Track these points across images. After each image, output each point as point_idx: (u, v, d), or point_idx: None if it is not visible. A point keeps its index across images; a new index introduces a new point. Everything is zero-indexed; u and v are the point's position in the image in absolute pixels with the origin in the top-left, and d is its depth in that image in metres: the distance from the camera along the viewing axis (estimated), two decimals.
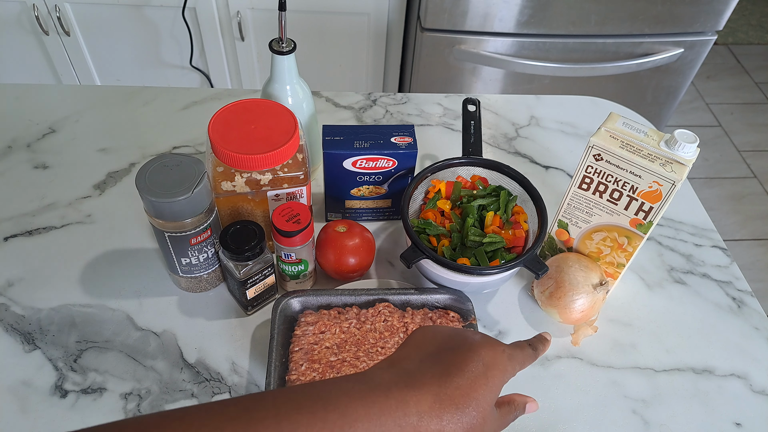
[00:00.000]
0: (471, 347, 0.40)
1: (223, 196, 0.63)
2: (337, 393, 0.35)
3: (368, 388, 0.36)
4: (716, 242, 0.79)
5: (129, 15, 1.49)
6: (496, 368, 0.39)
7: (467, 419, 0.37)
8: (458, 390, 0.37)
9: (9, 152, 0.82)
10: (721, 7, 1.46)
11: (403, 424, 0.35)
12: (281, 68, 0.71)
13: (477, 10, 1.40)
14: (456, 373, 0.38)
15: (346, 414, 0.34)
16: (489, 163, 0.71)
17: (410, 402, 0.36)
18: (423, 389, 0.37)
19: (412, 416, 0.35)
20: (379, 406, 0.35)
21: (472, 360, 0.39)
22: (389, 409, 0.35)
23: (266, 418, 0.32)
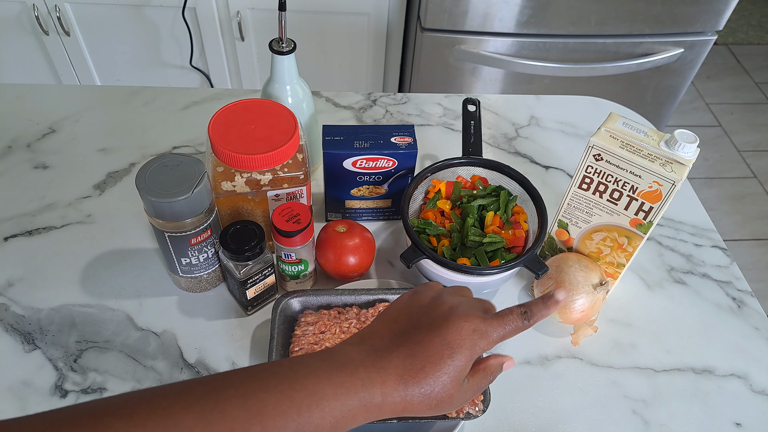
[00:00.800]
0: (439, 327, 0.40)
1: (223, 196, 0.63)
2: (304, 372, 0.36)
3: (335, 366, 0.37)
4: (716, 242, 0.79)
5: (129, 15, 1.49)
6: (462, 347, 0.39)
7: (434, 394, 0.38)
8: (422, 371, 0.38)
9: (9, 152, 0.82)
10: (721, 7, 1.46)
11: (367, 404, 0.36)
12: (281, 68, 0.71)
13: (477, 10, 1.40)
14: (420, 353, 0.38)
15: (313, 393, 0.34)
16: (489, 163, 0.71)
17: (375, 382, 0.37)
18: (388, 369, 0.37)
19: (377, 396, 0.37)
20: (346, 386, 0.36)
21: (437, 340, 0.39)
22: (355, 389, 0.36)
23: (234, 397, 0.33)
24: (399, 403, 0.37)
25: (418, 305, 0.42)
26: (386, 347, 0.39)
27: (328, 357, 0.38)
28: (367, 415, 0.37)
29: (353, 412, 0.36)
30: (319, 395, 0.34)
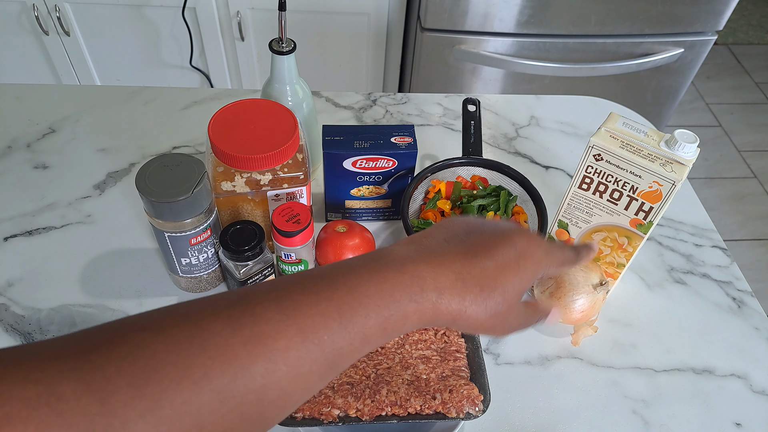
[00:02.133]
0: (504, 233, 0.36)
1: (223, 196, 0.63)
2: (344, 271, 0.32)
3: (380, 264, 0.32)
4: (716, 242, 0.79)
5: (129, 15, 1.49)
6: (530, 258, 0.36)
7: (492, 304, 0.34)
8: (485, 272, 0.34)
9: (9, 152, 0.82)
10: (721, 7, 1.46)
11: (420, 300, 0.32)
12: (281, 68, 0.71)
13: (477, 10, 1.40)
14: (484, 254, 0.34)
15: (354, 291, 0.31)
16: (489, 163, 0.71)
17: (427, 278, 0.32)
18: (443, 266, 0.33)
19: (430, 292, 0.32)
20: (391, 282, 0.32)
21: (504, 245, 0.35)
22: (404, 285, 0.32)
23: (266, 300, 0.29)
24: (455, 306, 0.33)
25: (474, 219, 0.38)
26: (441, 246, 0.35)
27: (373, 256, 0.33)
28: (420, 315, 0.32)
29: (403, 309, 0.31)
30: (361, 292, 0.31)
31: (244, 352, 0.27)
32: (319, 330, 0.29)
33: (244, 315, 0.28)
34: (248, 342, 0.27)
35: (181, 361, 0.26)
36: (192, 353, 0.26)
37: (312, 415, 0.52)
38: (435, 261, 0.33)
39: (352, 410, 0.53)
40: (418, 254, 0.34)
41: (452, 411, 0.53)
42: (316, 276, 0.32)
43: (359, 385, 0.55)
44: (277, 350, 0.28)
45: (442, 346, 0.59)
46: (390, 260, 0.33)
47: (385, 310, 0.31)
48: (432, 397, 0.54)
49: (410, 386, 0.55)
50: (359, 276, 0.32)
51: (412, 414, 0.53)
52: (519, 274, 0.35)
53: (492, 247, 0.35)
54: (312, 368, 0.29)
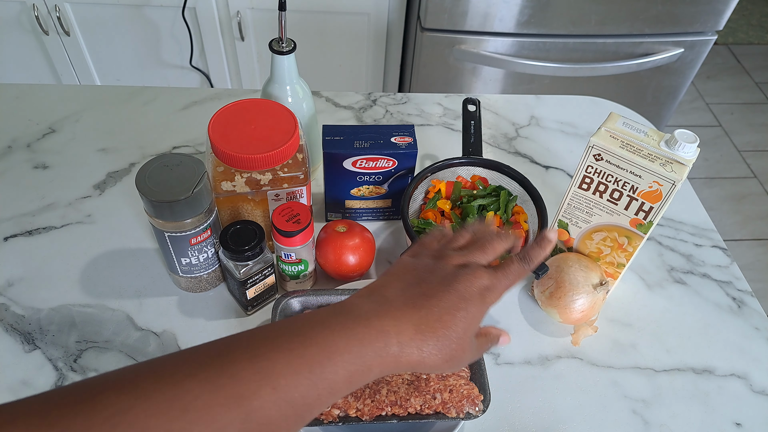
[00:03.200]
0: (450, 282, 0.39)
1: (223, 196, 0.63)
2: (314, 327, 0.34)
3: (348, 319, 0.35)
4: (716, 242, 0.79)
5: (129, 15, 1.49)
6: (474, 298, 0.39)
7: (447, 349, 0.37)
8: (439, 322, 0.37)
9: (9, 152, 0.82)
10: (721, 7, 1.46)
11: (384, 355, 0.35)
12: (281, 68, 0.71)
13: (477, 10, 1.40)
14: (435, 305, 0.38)
15: (325, 347, 0.33)
16: (489, 163, 0.71)
17: (391, 332, 0.35)
18: (403, 319, 0.36)
19: (393, 346, 0.35)
20: (359, 338, 0.34)
21: (451, 293, 0.39)
22: (369, 340, 0.34)
23: (241, 360, 0.31)
24: (415, 356, 0.36)
25: (424, 264, 0.42)
26: (398, 298, 0.38)
27: (339, 310, 0.36)
28: (383, 366, 0.35)
29: (368, 363, 0.34)
30: (331, 349, 0.33)
31: (222, 414, 0.28)
32: (291, 388, 0.31)
33: (221, 376, 0.29)
34: (226, 404, 0.29)
35: (162, 425, 0.27)
36: (173, 416, 0.27)
37: None
38: (397, 314, 0.36)
39: (352, 410, 0.53)
40: (381, 308, 0.37)
41: (452, 411, 0.53)
42: (288, 331, 0.33)
43: None
44: (253, 410, 0.29)
45: None
46: (356, 315, 0.35)
47: (352, 365, 0.33)
48: (432, 397, 0.54)
49: (410, 386, 0.55)
50: (330, 330, 0.34)
51: (412, 414, 0.53)
52: (467, 317, 0.38)
53: (441, 295, 0.38)
54: (281, 423, 0.31)
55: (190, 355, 0.31)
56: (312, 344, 0.33)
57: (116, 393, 0.27)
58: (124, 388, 0.28)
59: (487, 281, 0.40)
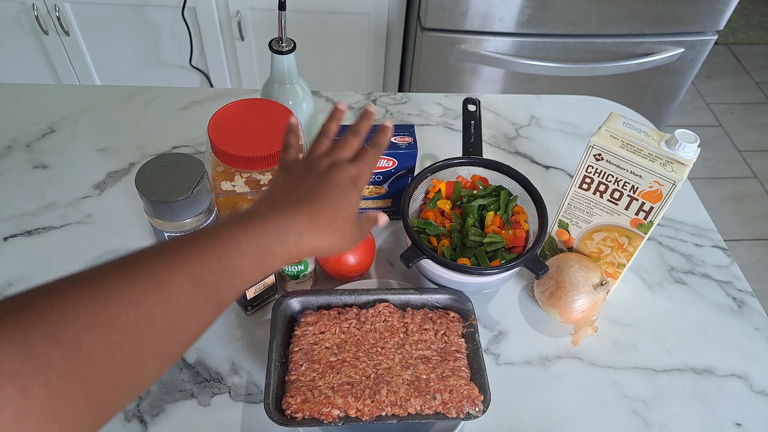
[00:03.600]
0: (326, 178, 0.47)
1: (223, 196, 0.63)
2: (217, 228, 0.39)
3: (246, 218, 0.41)
4: (716, 242, 0.79)
5: (129, 15, 1.49)
6: (349, 186, 0.47)
7: (338, 230, 0.45)
8: (325, 209, 0.45)
9: (9, 152, 0.82)
10: (721, 7, 1.46)
11: (284, 242, 0.41)
12: (281, 68, 0.71)
13: (477, 10, 1.40)
14: (320, 196, 0.45)
15: (229, 241, 0.38)
16: (489, 163, 0.71)
17: (286, 224, 0.42)
18: (295, 213, 0.43)
19: (291, 234, 0.42)
20: (257, 230, 0.40)
21: (329, 186, 0.46)
22: (268, 231, 0.40)
23: (153, 256, 0.35)
24: (312, 241, 0.43)
25: (298, 172, 0.49)
26: (286, 198, 0.45)
27: (237, 216, 0.41)
28: (286, 253, 0.41)
29: (271, 250, 0.40)
30: (234, 240, 0.38)
31: (144, 300, 0.32)
32: (204, 275, 0.36)
33: (135, 270, 0.33)
34: (144, 291, 0.32)
35: (89, 313, 0.30)
36: (97, 306, 0.30)
37: (312, 416, 0.52)
38: (288, 210, 0.43)
39: (352, 410, 0.53)
40: (275, 208, 0.43)
41: (452, 411, 0.53)
42: (192, 236, 0.38)
43: (359, 385, 0.55)
44: (172, 295, 0.33)
45: (442, 346, 0.59)
46: (253, 215, 0.41)
47: (256, 252, 0.39)
48: (432, 397, 0.54)
49: (410, 386, 0.55)
50: (233, 229, 0.39)
51: (412, 414, 0.53)
52: (349, 201, 0.47)
53: (324, 191, 0.46)
54: (203, 306, 0.35)
55: (106, 263, 0.34)
56: (217, 239, 0.38)
57: (44, 296, 0.30)
58: (51, 292, 0.31)
59: (354, 171, 0.49)
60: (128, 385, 0.32)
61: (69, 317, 0.29)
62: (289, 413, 0.53)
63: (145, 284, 0.33)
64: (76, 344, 0.29)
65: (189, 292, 0.34)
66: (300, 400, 0.53)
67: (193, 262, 0.35)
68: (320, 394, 0.54)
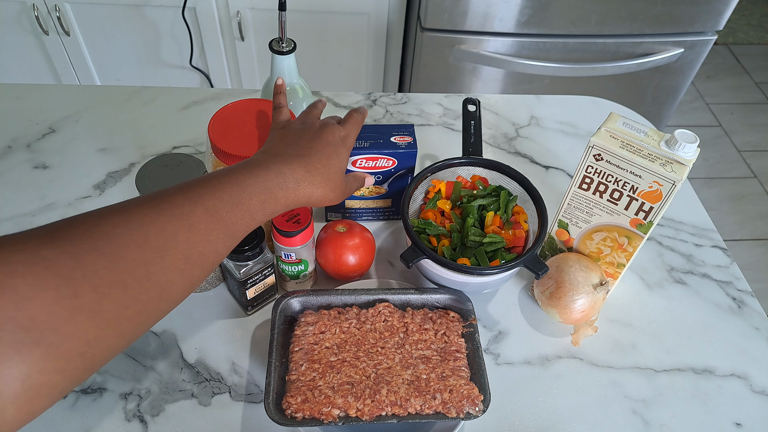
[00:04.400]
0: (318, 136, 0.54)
1: None
2: (226, 174, 0.45)
3: (251, 167, 0.47)
4: (716, 242, 0.79)
5: (129, 15, 1.49)
6: (338, 143, 0.55)
7: (330, 182, 0.52)
8: (320, 162, 0.52)
9: (9, 152, 0.82)
10: (721, 7, 1.46)
11: (285, 188, 0.48)
12: (281, 68, 0.71)
13: (477, 10, 1.40)
14: (315, 151, 0.52)
15: (237, 184, 0.45)
16: (489, 163, 0.71)
17: (286, 172, 0.48)
18: (294, 163, 0.50)
19: (290, 182, 0.48)
20: (263, 176, 0.47)
21: (321, 143, 0.53)
22: (271, 177, 0.47)
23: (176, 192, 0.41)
24: (308, 189, 0.50)
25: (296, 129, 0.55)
26: (285, 151, 0.51)
27: (243, 163, 0.48)
28: (287, 198, 0.48)
29: (274, 193, 0.47)
30: (243, 185, 0.45)
31: (170, 226, 0.38)
32: (219, 209, 0.42)
33: (162, 202, 0.40)
34: (170, 220, 0.39)
35: (126, 233, 0.36)
36: (132, 228, 0.37)
37: (312, 415, 0.53)
38: (287, 160, 0.50)
39: (352, 410, 0.53)
40: (276, 158, 0.49)
41: (452, 411, 0.53)
42: (206, 179, 0.44)
43: (359, 385, 0.55)
44: (192, 224, 0.40)
45: (442, 346, 0.59)
46: (257, 164, 0.48)
47: (262, 194, 0.46)
48: (432, 397, 0.54)
49: (410, 386, 0.55)
50: (240, 174, 0.46)
51: (412, 414, 0.53)
52: (339, 157, 0.54)
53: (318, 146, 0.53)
54: (219, 236, 0.42)
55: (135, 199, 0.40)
56: (228, 182, 0.44)
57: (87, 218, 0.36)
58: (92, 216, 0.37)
59: (343, 131, 0.57)
60: (159, 300, 0.37)
61: (109, 236, 0.35)
62: (289, 413, 0.53)
63: (171, 214, 0.39)
64: (116, 257, 0.35)
65: (207, 223, 0.41)
66: (300, 399, 0.53)
67: (209, 197, 0.42)
68: (320, 393, 0.54)
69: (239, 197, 0.44)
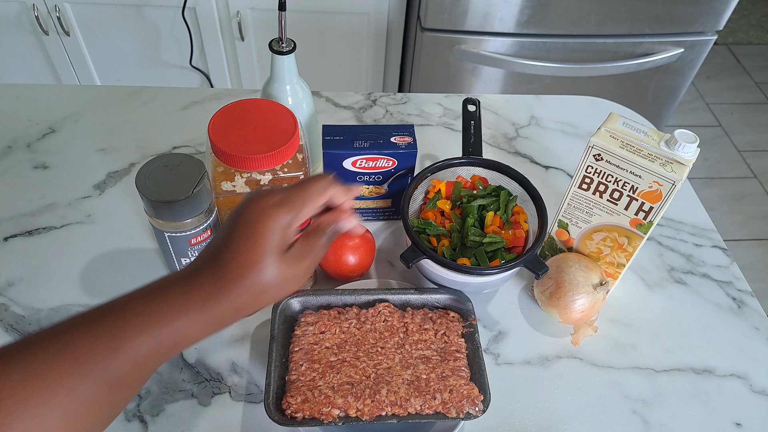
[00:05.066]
0: (236, 218, 0.40)
1: (223, 196, 0.63)
2: (125, 299, 0.38)
3: (150, 289, 0.38)
4: (716, 242, 0.79)
5: (129, 15, 1.49)
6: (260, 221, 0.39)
7: (259, 282, 0.39)
8: (232, 261, 0.38)
9: (9, 152, 0.82)
10: (721, 7, 1.46)
11: (189, 308, 0.37)
12: (281, 68, 0.71)
13: (477, 10, 1.40)
14: (225, 249, 0.39)
15: (125, 316, 0.37)
16: (489, 163, 0.71)
17: (191, 291, 0.38)
18: (201, 278, 0.38)
19: (197, 301, 0.38)
20: (159, 301, 0.37)
21: (237, 227, 0.40)
22: (170, 301, 0.37)
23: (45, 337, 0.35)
24: (230, 306, 0.38)
25: (227, 224, 0.43)
26: (194, 266, 0.40)
27: (150, 283, 0.39)
28: (199, 327, 0.38)
29: (173, 326, 0.37)
30: (131, 313, 0.37)
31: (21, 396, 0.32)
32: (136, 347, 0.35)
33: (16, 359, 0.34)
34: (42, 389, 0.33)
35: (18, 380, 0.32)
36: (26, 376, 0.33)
37: (312, 415, 0.53)
38: (194, 275, 0.39)
39: (352, 410, 0.53)
40: (183, 274, 0.39)
41: (452, 411, 0.53)
42: (98, 308, 0.38)
43: (359, 385, 0.55)
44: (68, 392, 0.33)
45: (442, 346, 0.59)
46: (159, 285, 0.38)
47: (156, 329, 0.36)
48: (432, 397, 0.54)
49: (410, 386, 0.55)
50: (133, 300, 0.37)
51: (412, 414, 0.53)
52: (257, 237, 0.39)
53: (229, 237, 0.40)
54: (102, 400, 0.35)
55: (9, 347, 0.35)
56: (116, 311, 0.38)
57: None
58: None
59: (273, 196, 0.41)
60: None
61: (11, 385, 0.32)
62: (290, 413, 0.53)
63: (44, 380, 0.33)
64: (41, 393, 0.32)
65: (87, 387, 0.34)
66: (300, 399, 0.53)
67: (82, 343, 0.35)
68: (320, 393, 0.54)
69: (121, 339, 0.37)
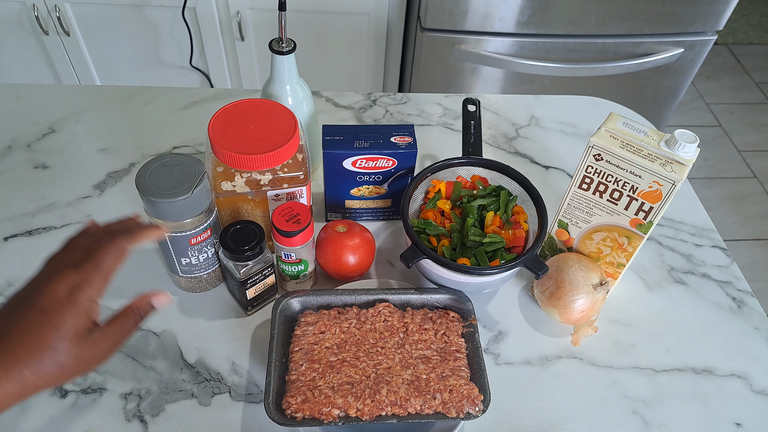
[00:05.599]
0: (29, 298, 0.39)
1: (223, 196, 0.63)
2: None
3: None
4: (716, 242, 0.79)
5: (129, 15, 1.49)
6: (58, 305, 0.38)
7: (52, 368, 0.37)
8: (21, 347, 0.37)
9: (9, 152, 0.82)
10: (721, 7, 1.46)
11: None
12: (281, 68, 0.71)
13: (477, 10, 1.40)
14: (16, 331, 0.37)
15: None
16: (489, 163, 0.71)
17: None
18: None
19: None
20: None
21: (30, 311, 0.38)
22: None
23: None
24: (16, 390, 0.36)
25: (13, 301, 0.41)
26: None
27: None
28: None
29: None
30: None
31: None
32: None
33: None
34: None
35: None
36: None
37: (312, 415, 0.53)
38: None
39: (352, 410, 0.53)
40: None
41: (452, 411, 0.53)
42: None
43: (359, 385, 0.55)
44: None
45: (442, 346, 0.59)
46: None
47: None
48: (432, 397, 0.54)
49: (410, 386, 0.55)
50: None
51: (412, 414, 0.53)
52: (54, 321, 0.37)
53: (20, 319, 0.38)
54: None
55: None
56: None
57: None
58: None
59: (73, 276, 0.39)
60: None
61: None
62: (290, 413, 0.53)
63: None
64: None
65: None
66: (300, 399, 0.53)
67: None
68: (320, 393, 0.54)
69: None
